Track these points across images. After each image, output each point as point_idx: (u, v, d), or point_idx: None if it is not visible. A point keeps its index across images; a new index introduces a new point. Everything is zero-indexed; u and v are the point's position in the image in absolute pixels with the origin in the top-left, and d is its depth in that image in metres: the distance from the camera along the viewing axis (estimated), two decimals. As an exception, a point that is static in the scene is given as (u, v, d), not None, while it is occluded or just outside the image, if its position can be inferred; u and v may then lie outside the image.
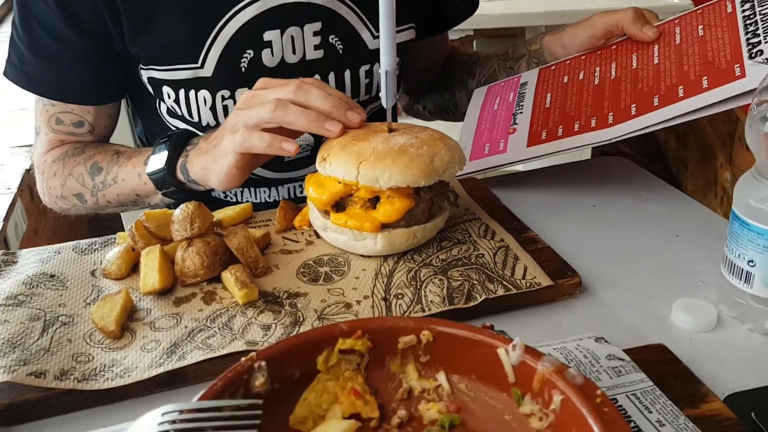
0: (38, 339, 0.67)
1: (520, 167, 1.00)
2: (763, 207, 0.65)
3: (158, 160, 0.87)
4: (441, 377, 0.56)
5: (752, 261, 0.66)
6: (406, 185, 0.75)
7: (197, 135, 0.89)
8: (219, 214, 0.85)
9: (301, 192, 1.06)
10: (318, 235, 0.83)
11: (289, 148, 0.75)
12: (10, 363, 0.63)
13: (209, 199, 1.01)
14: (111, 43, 0.92)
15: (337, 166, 0.76)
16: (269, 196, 1.05)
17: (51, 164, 0.99)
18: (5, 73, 0.97)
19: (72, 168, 0.97)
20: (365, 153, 0.76)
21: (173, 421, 0.46)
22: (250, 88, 0.91)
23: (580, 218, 0.92)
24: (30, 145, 1.98)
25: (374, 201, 0.78)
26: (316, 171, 0.81)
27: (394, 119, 0.83)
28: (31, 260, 0.79)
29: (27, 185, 1.84)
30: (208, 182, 0.83)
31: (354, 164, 0.75)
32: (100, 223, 2.62)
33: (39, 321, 0.69)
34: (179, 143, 0.87)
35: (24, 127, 2.03)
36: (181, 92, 0.94)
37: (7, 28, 2.87)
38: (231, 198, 1.05)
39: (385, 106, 0.80)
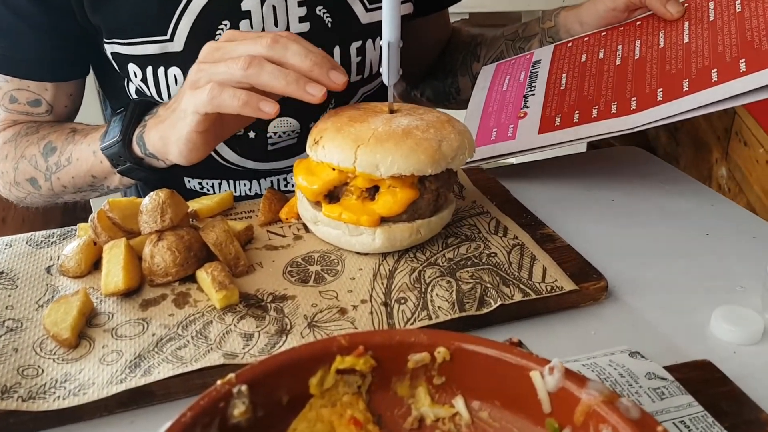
0: (-23, 349, 0.56)
1: (529, 157, 0.91)
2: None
3: (113, 132, 0.76)
4: (459, 403, 0.47)
5: (811, 265, 0.58)
6: (410, 173, 0.66)
7: (159, 103, 0.79)
8: (195, 204, 0.75)
9: (287, 185, 0.96)
10: (308, 229, 0.74)
11: (268, 109, 0.64)
12: (-60, 378, 0.53)
13: (181, 192, 0.92)
14: (72, 15, 0.82)
15: (331, 150, 0.67)
16: (250, 190, 0.95)
17: (2, 146, 0.89)
18: None
19: (24, 149, 0.86)
20: (364, 136, 0.66)
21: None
22: None
23: (598, 213, 0.83)
24: None
25: (373, 191, 0.68)
26: (306, 156, 0.71)
27: (392, 98, 0.73)
28: (-24, 254, 0.69)
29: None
30: (167, 154, 0.72)
31: (351, 148, 0.65)
32: (75, 213, 2.50)
33: (-21, 327, 0.59)
34: (137, 112, 0.77)
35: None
36: (149, 70, 0.84)
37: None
38: (208, 191, 0.95)
39: (386, 82, 0.71)
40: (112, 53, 0.85)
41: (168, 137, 0.71)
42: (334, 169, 0.68)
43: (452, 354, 0.46)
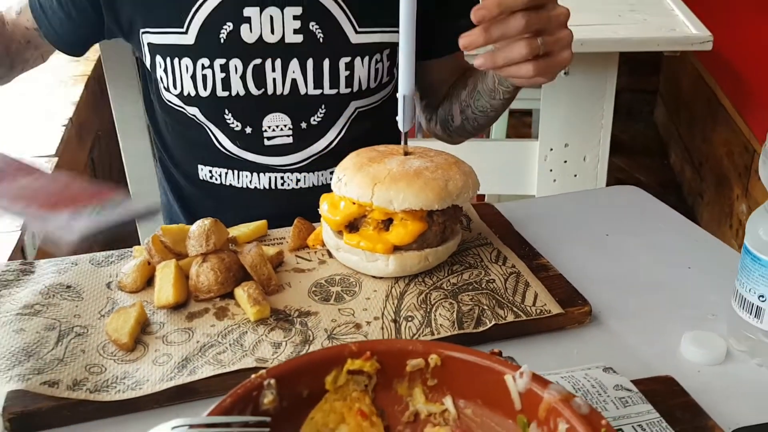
0: (53, 349, 0.68)
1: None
2: (775, 242, 0.65)
3: None
4: (448, 401, 0.57)
5: (763, 296, 0.66)
6: (420, 208, 0.76)
7: None
8: (234, 231, 0.86)
9: (284, 183, 1.06)
10: (331, 255, 0.84)
11: None
12: (24, 371, 0.64)
13: (197, 180, 1.06)
14: (93, 15, 0.99)
15: (352, 187, 0.77)
16: (250, 182, 1.05)
17: None
18: None
19: None
20: (380, 175, 0.77)
21: (182, 436, 0.47)
22: (227, 60, 0.96)
23: (592, 247, 0.92)
24: (51, 156, 2.02)
25: (387, 223, 0.79)
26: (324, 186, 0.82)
27: (405, 142, 0.83)
28: (48, 270, 0.81)
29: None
30: None
31: (369, 185, 0.76)
32: (116, 238, 2.65)
33: (54, 331, 0.70)
34: None
35: (45, 138, 2.07)
36: (168, 59, 0.98)
37: None
38: (217, 178, 1.06)
39: (401, 129, 0.82)
40: (148, 44, 0.99)
41: None
42: (354, 203, 0.79)
43: (443, 360, 0.56)
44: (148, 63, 1.01)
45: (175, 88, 0.99)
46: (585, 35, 1.97)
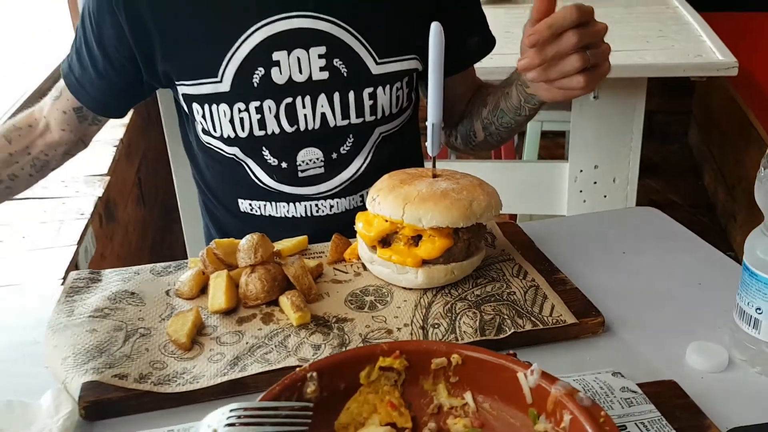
0: (121, 347, 0.77)
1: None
2: (770, 259, 0.71)
3: None
4: (468, 396, 0.64)
5: (760, 309, 0.73)
6: (446, 225, 0.84)
7: None
8: (278, 245, 0.94)
9: (318, 211, 1.13)
10: (365, 268, 0.92)
11: None
12: (97, 365, 0.73)
13: (237, 212, 1.14)
14: (130, 72, 1.07)
15: (385, 206, 0.86)
16: (288, 211, 1.13)
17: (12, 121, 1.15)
18: (63, 61, 1.13)
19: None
20: (411, 195, 0.85)
21: (239, 416, 0.55)
22: (261, 102, 1.03)
23: (609, 263, 0.99)
24: (103, 174, 2.15)
25: (417, 239, 0.87)
26: (360, 207, 0.90)
27: (434, 165, 0.91)
28: (114, 279, 0.91)
29: (98, 212, 2.00)
30: None
31: (400, 205, 0.84)
32: (161, 252, 2.77)
33: (122, 332, 0.80)
34: None
35: (99, 158, 2.20)
36: (206, 107, 1.06)
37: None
38: (256, 211, 1.14)
39: (431, 154, 0.90)
40: (182, 94, 1.07)
41: None
42: (387, 221, 0.87)
43: (463, 360, 0.63)
44: (185, 109, 1.10)
45: (215, 131, 1.07)
46: (614, 61, 2.02)
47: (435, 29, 0.84)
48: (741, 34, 2.99)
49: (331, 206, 1.13)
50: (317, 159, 1.10)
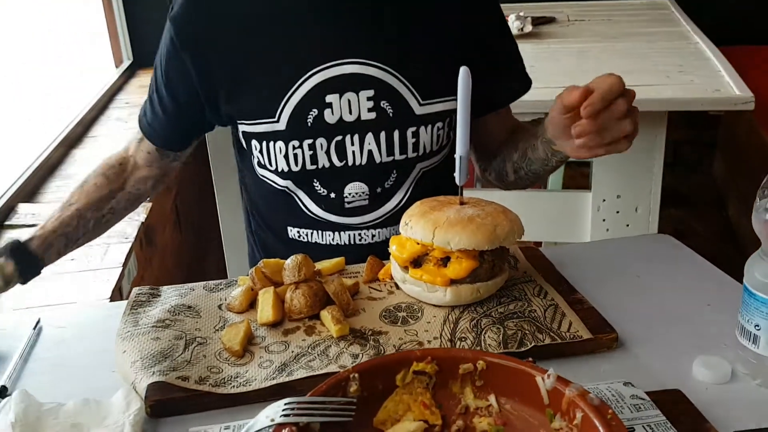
0: (182, 353, 0.86)
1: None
2: (766, 280, 0.79)
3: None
4: (492, 398, 0.72)
5: (758, 325, 0.80)
6: (473, 248, 0.93)
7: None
8: (319, 265, 1.04)
9: (361, 240, 1.22)
10: (398, 287, 1.01)
11: None
12: (162, 369, 0.83)
13: (286, 239, 1.23)
14: (195, 111, 1.18)
15: (417, 230, 0.95)
16: (332, 239, 1.22)
17: (99, 167, 1.24)
18: (140, 112, 1.25)
19: (72, 196, 1.21)
20: (440, 220, 0.94)
21: (292, 408, 0.64)
22: (314, 140, 1.13)
23: (624, 285, 1.06)
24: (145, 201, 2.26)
25: (445, 260, 0.95)
26: (395, 232, 0.99)
27: (461, 193, 1.00)
28: (171, 295, 1.00)
29: (140, 237, 2.11)
30: None
31: (430, 229, 0.93)
32: (196, 275, 2.89)
33: (182, 340, 0.89)
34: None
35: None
36: (263, 143, 1.16)
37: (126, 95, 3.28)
38: (303, 238, 1.23)
39: (458, 183, 0.99)
40: (242, 132, 1.17)
41: None
42: (418, 244, 0.96)
43: (488, 365, 0.72)
44: (244, 145, 1.20)
45: (270, 165, 1.17)
46: (636, 94, 2.12)
47: (463, 73, 0.94)
48: (763, 67, 3.06)
49: (373, 235, 1.21)
50: (363, 192, 1.18)
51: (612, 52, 2.57)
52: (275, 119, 1.14)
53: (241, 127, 1.17)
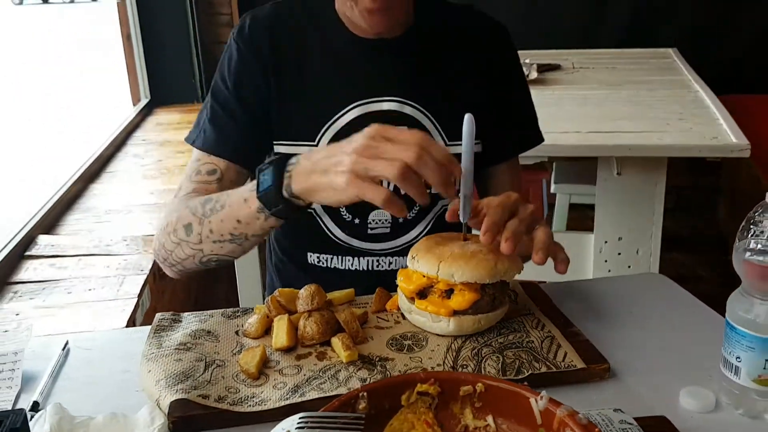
0: (203, 373, 0.93)
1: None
2: (746, 316, 0.85)
3: (266, 182, 1.02)
4: (489, 419, 0.78)
5: (739, 357, 0.86)
6: (475, 281, 0.99)
7: (291, 157, 1.04)
8: (331, 295, 1.10)
9: (378, 266, 1.29)
10: (404, 317, 1.07)
11: (403, 214, 0.94)
12: (184, 387, 0.89)
13: (305, 264, 1.30)
14: (262, 119, 1.24)
15: (422, 264, 1.01)
16: (352, 265, 1.29)
17: (177, 201, 1.19)
18: (186, 138, 1.28)
19: (189, 202, 1.16)
20: (445, 255, 1.01)
21: (307, 422, 0.70)
22: None
23: (618, 320, 1.12)
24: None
25: (449, 292, 1.02)
26: (404, 265, 1.06)
27: (468, 230, 1.07)
28: (192, 320, 1.07)
29: (154, 270, 2.17)
30: (317, 198, 0.99)
31: (435, 263, 1.00)
32: (204, 307, 2.95)
33: (202, 362, 0.95)
34: (280, 165, 1.02)
35: (156, 220, 2.41)
36: None
37: (142, 132, 3.38)
38: (322, 263, 1.29)
39: (462, 220, 1.06)
40: (275, 153, 1.25)
41: (320, 189, 0.97)
42: (424, 276, 1.02)
43: (486, 388, 0.78)
44: None
45: None
46: (635, 141, 2.20)
47: (467, 120, 1.02)
48: (762, 115, 3.14)
49: (390, 263, 1.29)
50: (386, 220, 1.27)
51: (615, 99, 2.66)
52: (315, 143, 1.23)
53: (277, 148, 1.25)
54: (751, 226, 0.84)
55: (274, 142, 1.26)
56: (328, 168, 0.96)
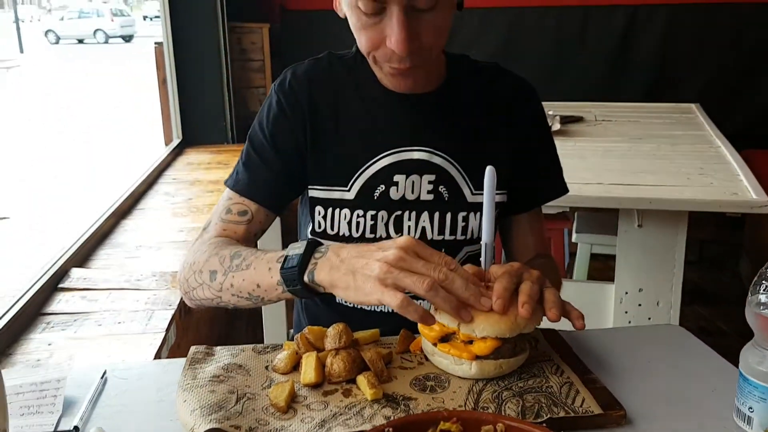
0: (234, 405, 0.97)
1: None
2: (759, 368, 0.88)
3: (292, 261, 1.07)
4: (508, 457, 0.82)
5: (751, 408, 0.89)
6: (495, 336, 1.03)
7: (321, 245, 1.10)
8: (357, 335, 1.15)
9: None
10: (427, 358, 1.11)
11: (429, 323, 1.03)
12: (218, 417, 0.94)
13: (333, 305, 1.35)
14: (295, 167, 1.31)
15: (444, 317, 1.05)
16: (377, 306, 1.32)
17: (208, 242, 1.24)
18: (225, 181, 1.35)
19: (221, 250, 1.20)
20: (465, 310, 1.04)
21: (335, 453, 0.74)
22: (377, 212, 1.26)
23: (635, 368, 1.15)
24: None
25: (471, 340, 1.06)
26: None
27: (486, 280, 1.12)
28: (224, 354, 1.12)
29: (181, 306, 2.23)
30: (337, 293, 1.04)
31: (455, 320, 1.04)
32: (226, 344, 2.99)
33: (234, 394, 1.00)
34: (309, 250, 1.08)
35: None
36: (329, 209, 1.31)
37: (174, 171, 3.48)
38: (350, 303, 1.27)
39: (483, 269, 1.10)
40: (311, 197, 1.32)
41: (342, 287, 1.04)
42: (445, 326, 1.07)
43: (506, 428, 0.82)
44: (307, 209, 1.34)
45: (331, 230, 1.31)
46: (656, 194, 2.24)
47: (489, 172, 1.07)
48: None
49: None
50: None
51: (636, 152, 2.71)
52: (347, 189, 1.30)
53: (311, 192, 1.32)
54: (763, 281, 0.87)
55: (309, 186, 1.33)
56: (356, 269, 1.01)
